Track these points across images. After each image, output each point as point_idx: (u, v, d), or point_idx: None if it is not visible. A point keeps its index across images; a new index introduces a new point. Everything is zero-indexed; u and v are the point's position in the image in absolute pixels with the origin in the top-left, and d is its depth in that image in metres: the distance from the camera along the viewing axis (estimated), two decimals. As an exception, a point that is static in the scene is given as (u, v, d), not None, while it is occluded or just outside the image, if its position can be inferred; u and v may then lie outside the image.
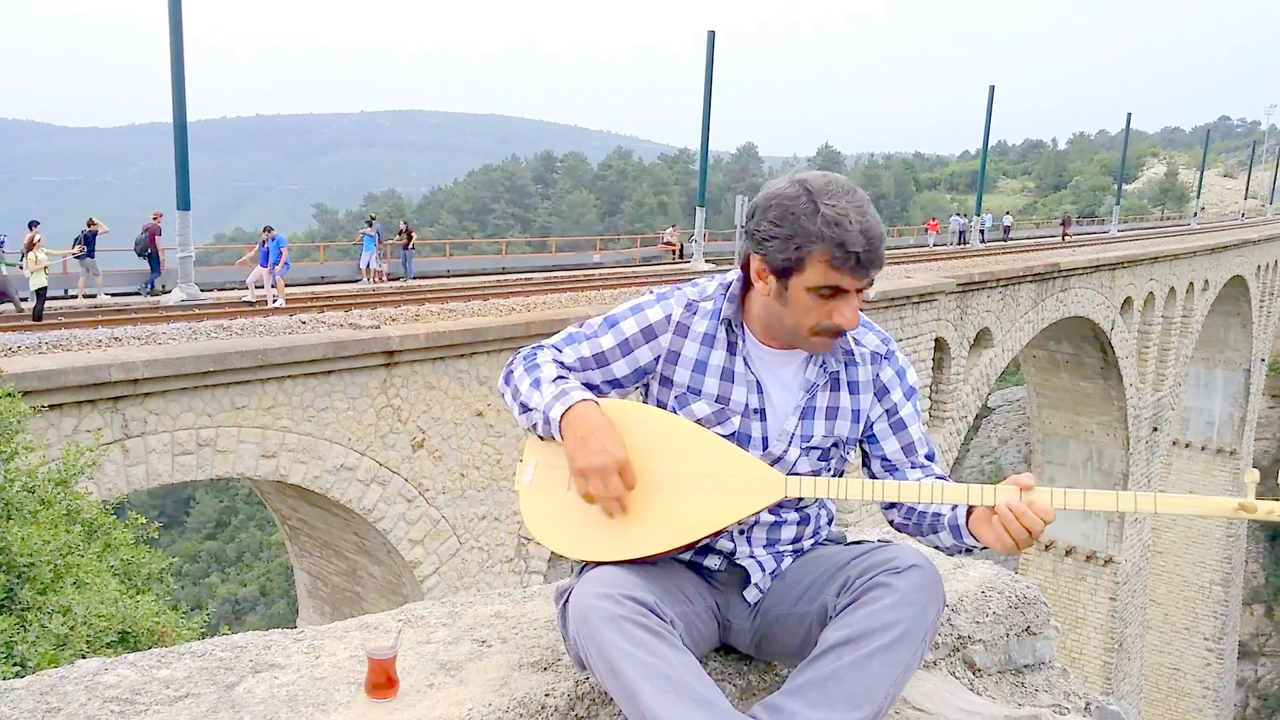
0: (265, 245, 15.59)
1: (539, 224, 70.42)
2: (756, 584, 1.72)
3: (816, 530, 1.79)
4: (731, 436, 1.67)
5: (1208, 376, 36.92)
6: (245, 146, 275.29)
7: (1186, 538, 36.07)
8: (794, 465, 1.68)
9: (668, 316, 1.71)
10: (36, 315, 12.37)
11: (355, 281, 20.59)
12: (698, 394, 1.68)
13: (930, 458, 1.76)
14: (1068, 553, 27.58)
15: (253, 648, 1.73)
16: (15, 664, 2.52)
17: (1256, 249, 36.40)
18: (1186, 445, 37.12)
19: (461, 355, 11.10)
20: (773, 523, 1.72)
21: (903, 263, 23.43)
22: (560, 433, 1.62)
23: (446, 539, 11.07)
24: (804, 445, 1.68)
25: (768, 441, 1.67)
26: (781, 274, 1.57)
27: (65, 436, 7.99)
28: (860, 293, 1.58)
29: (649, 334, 1.71)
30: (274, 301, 14.66)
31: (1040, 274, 21.34)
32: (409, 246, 21.57)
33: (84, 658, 1.96)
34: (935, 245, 36.76)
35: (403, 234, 21.73)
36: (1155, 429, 28.07)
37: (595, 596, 1.49)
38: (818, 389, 1.69)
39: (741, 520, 1.63)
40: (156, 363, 8.60)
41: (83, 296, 15.98)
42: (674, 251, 29.49)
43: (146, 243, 17.38)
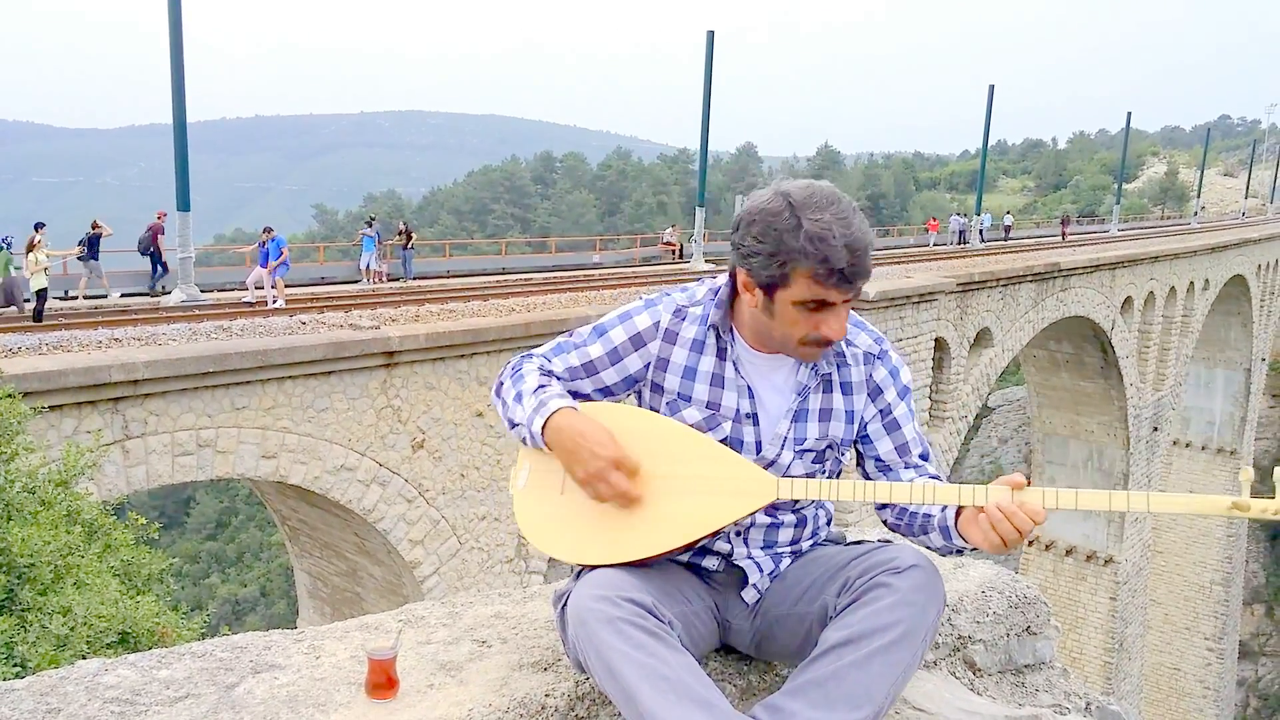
0: (265, 246, 15.60)
1: (539, 224, 70.44)
2: (755, 585, 1.72)
3: (815, 531, 1.79)
4: (724, 442, 1.66)
5: (1208, 376, 36.92)
6: (245, 147, 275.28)
7: (1187, 537, 36.06)
8: (788, 468, 1.68)
9: (656, 323, 1.70)
10: (37, 316, 12.38)
11: (355, 282, 20.58)
12: (688, 400, 1.68)
13: (925, 457, 1.75)
14: (1068, 553, 27.58)
15: (253, 648, 1.74)
16: (15, 664, 2.52)
17: (1257, 248, 36.40)
18: (1187, 445, 37.13)
19: (461, 356, 11.10)
20: (769, 524, 1.72)
21: (903, 262, 23.43)
22: (546, 445, 1.62)
23: (446, 539, 11.07)
24: (797, 448, 1.67)
25: (761, 446, 1.67)
26: (767, 288, 1.57)
27: (65, 437, 8.00)
28: (848, 303, 1.57)
29: (638, 341, 1.71)
30: (274, 302, 14.66)
31: (1040, 274, 21.33)
32: (409, 247, 21.56)
33: (84, 658, 1.96)
34: (935, 245, 36.81)
35: (402, 234, 21.72)
36: (1156, 429, 28.06)
37: (593, 599, 1.49)
38: (809, 391, 1.68)
39: (734, 523, 1.62)
40: (157, 363, 8.60)
41: (83, 298, 15.97)
42: (674, 252, 29.49)
43: (149, 241, 17.39)
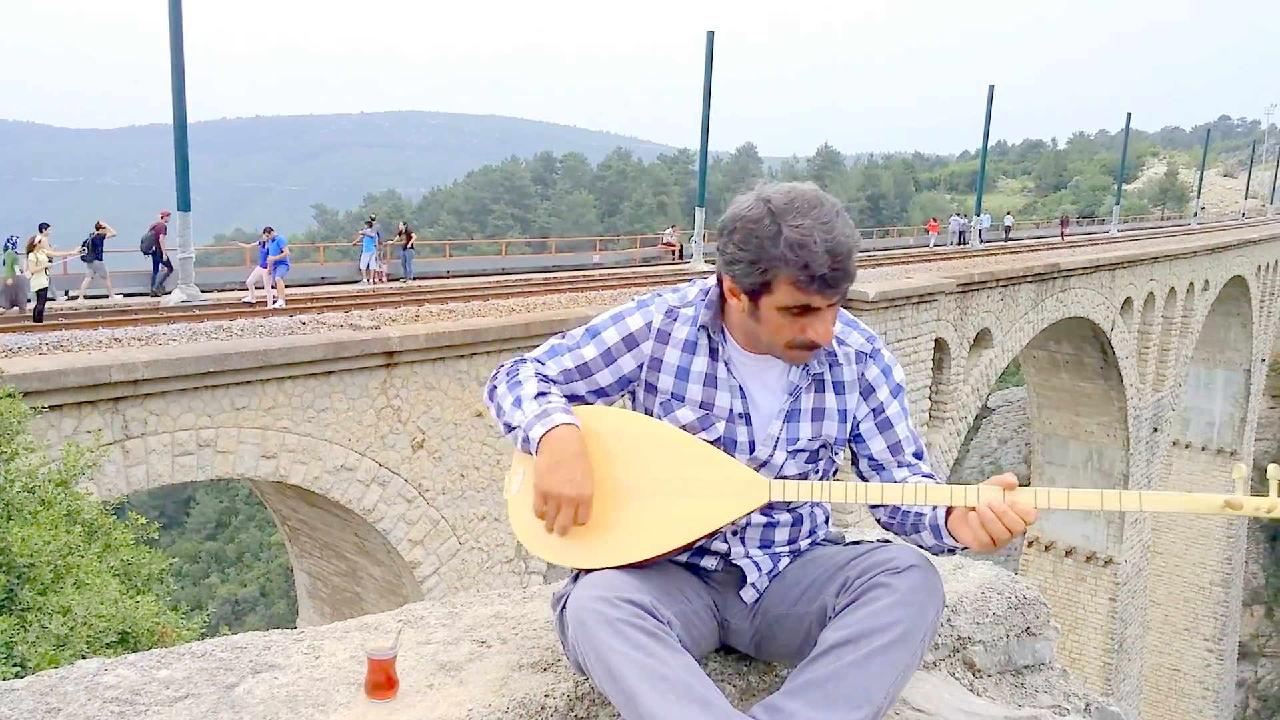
0: (265, 246, 15.60)
1: (538, 224, 70.44)
2: (753, 584, 1.72)
3: (813, 530, 1.79)
4: (717, 442, 1.67)
5: (1208, 377, 36.91)
6: (245, 147, 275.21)
7: (1187, 538, 36.05)
8: (781, 468, 1.68)
9: (648, 324, 1.71)
10: (37, 316, 12.39)
11: (355, 282, 20.57)
12: (682, 400, 1.68)
13: (918, 456, 1.75)
14: (1068, 553, 27.58)
15: (253, 648, 1.74)
16: (15, 664, 2.52)
17: (1257, 249, 36.40)
18: (1187, 446, 37.12)
19: (461, 356, 11.10)
20: (765, 524, 1.72)
21: (903, 263, 23.43)
22: (538, 452, 1.63)
23: (446, 539, 11.07)
24: (790, 448, 1.68)
25: (754, 446, 1.67)
26: (751, 295, 1.57)
27: (65, 437, 7.99)
28: (834, 306, 1.57)
29: (630, 342, 1.71)
30: (274, 302, 14.66)
31: (1040, 274, 21.33)
32: (409, 247, 21.55)
33: (84, 658, 1.96)
34: (936, 245, 36.82)
35: (402, 235, 21.71)
36: (1155, 429, 28.06)
37: (591, 600, 1.49)
38: (801, 391, 1.68)
39: (726, 526, 1.63)
40: (157, 363, 8.60)
41: (84, 298, 15.98)
42: (674, 252, 29.49)
43: (152, 241, 17.40)
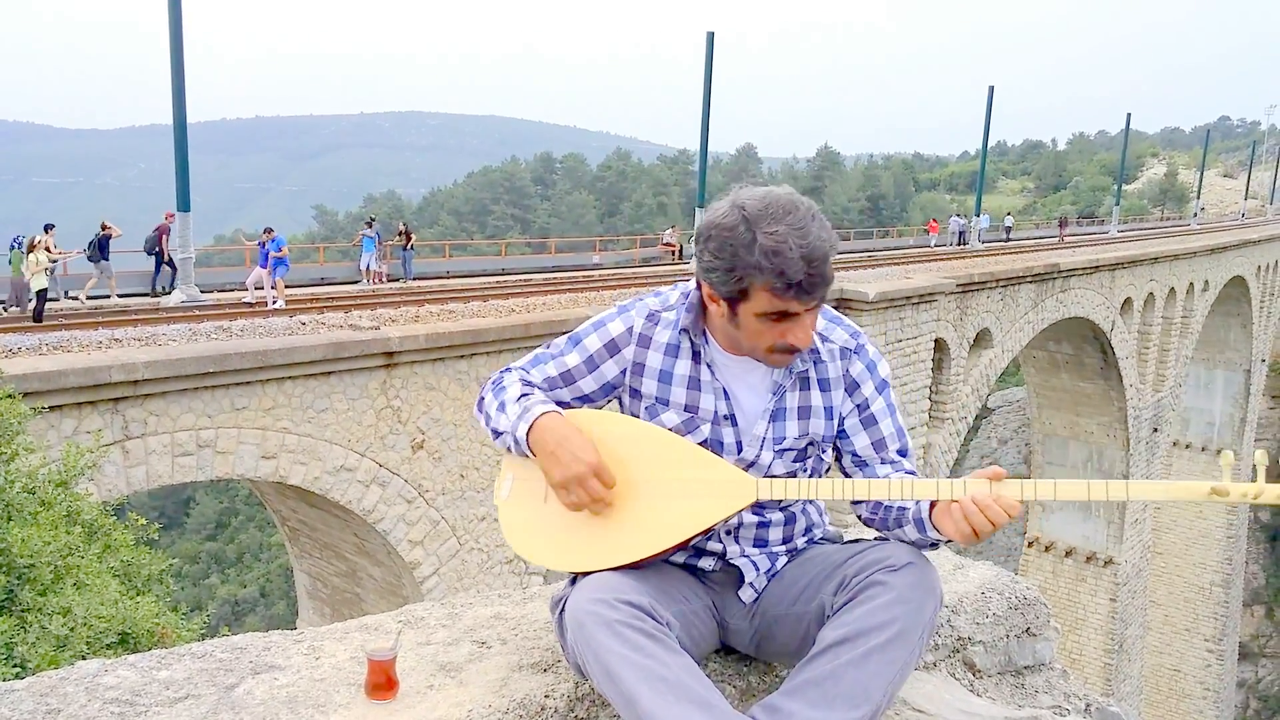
0: (265, 246, 15.61)
1: (538, 225, 70.42)
2: (751, 583, 1.72)
3: (809, 529, 1.79)
4: (704, 444, 1.67)
5: (1208, 377, 36.92)
6: (245, 148, 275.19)
7: (1187, 538, 36.05)
8: (769, 468, 1.68)
9: (629, 329, 1.71)
10: (36, 317, 12.39)
11: (355, 283, 20.58)
12: (666, 404, 1.69)
13: (903, 453, 1.74)
14: (1068, 554, 27.58)
15: (253, 649, 1.74)
16: (15, 665, 2.52)
17: (1257, 249, 36.40)
18: (1187, 446, 37.10)
19: (461, 356, 11.10)
20: (758, 523, 1.72)
21: (903, 263, 23.44)
22: (530, 450, 1.63)
23: (446, 540, 11.07)
24: (777, 448, 1.67)
25: (741, 446, 1.67)
26: (729, 301, 1.57)
27: (65, 438, 7.99)
28: (813, 310, 1.57)
29: (612, 348, 1.71)
30: (274, 303, 14.66)
31: (1040, 274, 21.34)
32: (408, 248, 21.56)
33: (84, 659, 1.96)
34: (936, 246, 36.84)
35: (402, 235, 21.71)
36: (1155, 430, 28.06)
37: (590, 602, 1.49)
38: (785, 390, 1.68)
39: (716, 525, 1.62)
40: (157, 364, 8.61)
41: (85, 298, 16.00)
42: (673, 252, 29.49)
43: (155, 241, 17.42)
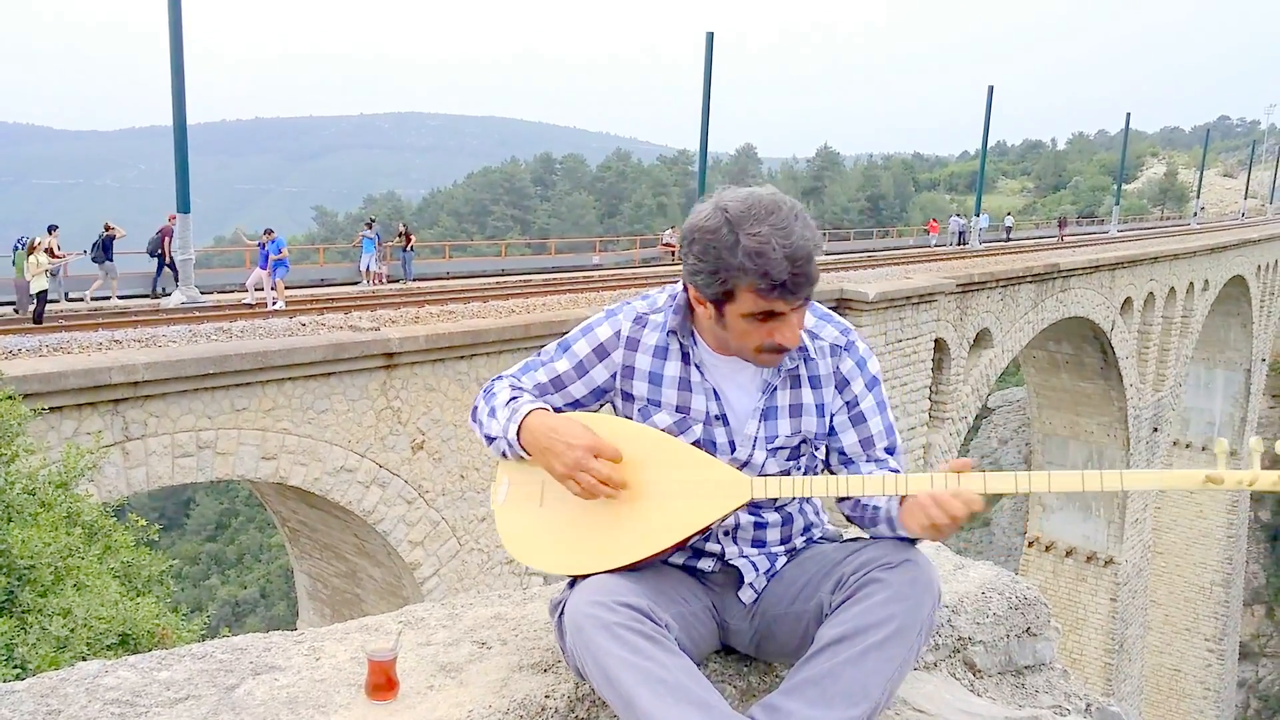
0: (265, 248, 15.61)
1: (538, 225, 70.38)
2: (750, 584, 1.72)
3: (807, 528, 1.79)
4: (696, 444, 1.67)
5: (1208, 377, 36.92)
6: (245, 149, 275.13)
7: (1187, 538, 36.06)
8: (762, 467, 1.68)
9: (617, 333, 1.72)
10: (36, 318, 12.39)
11: (355, 284, 20.58)
12: (658, 405, 1.69)
13: (891, 451, 1.73)
14: (1068, 554, 27.58)
15: (253, 650, 1.74)
16: (16, 666, 2.51)
17: (1256, 249, 36.41)
18: (1187, 446, 37.10)
19: (461, 357, 11.10)
20: (755, 523, 1.72)
21: (903, 263, 23.44)
22: (525, 450, 1.63)
23: (446, 541, 11.07)
24: (770, 447, 1.68)
25: (734, 446, 1.68)
26: (715, 303, 1.58)
27: (65, 439, 7.99)
28: (799, 309, 1.57)
29: (601, 353, 1.72)
30: (274, 304, 14.66)
31: (1040, 274, 21.34)
32: (408, 248, 21.56)
33: (84, 660, 1.96)
34: (936, 246, 36.86)
35: (402, 236, 21.71)
36: (1155, 429, 28.06)
37: (589, 605, 1.49)
38: (776, 389, 1.68)
39: (713, 524, 1.62)
40: (157, 365, 8.60)
41: (90, 299, 16.04)
42: (673, 253, 29.46)
43: (158, 243, 17.44)
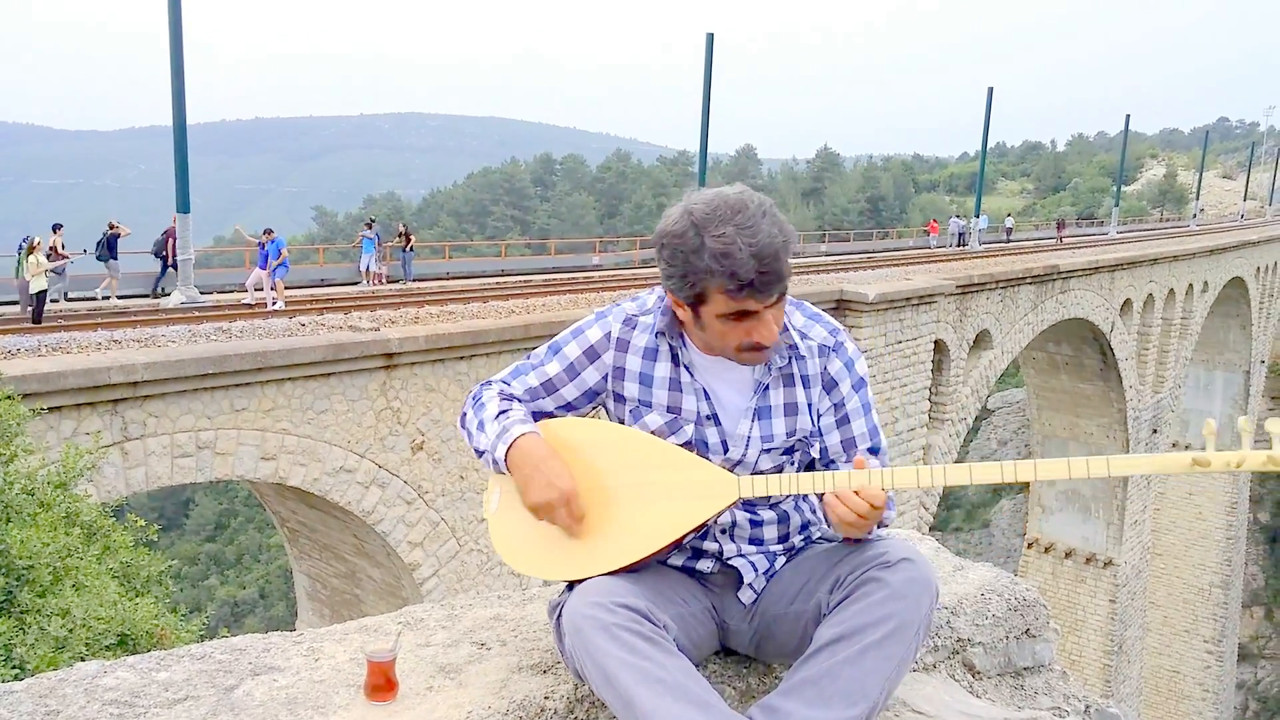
0: (264, 247, 15.61)
1: (538, 226, 70.38)
2: (750, 584, 1.72)
3: (805, 526, 1.79)
4: (688, 445, 1.67)
5: (1207, 378, 36.94)
6: (244, 149, 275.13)
7: (1186, 540, 36.06)
8: (755, 466, 1.68)
9: (607, 334, 1.72)
10: (35, 318, 12.39)
11: (355, 284, 20.59)
12: (649, 406, 1.69)
13: (875, 452, 1.73)
14: (1067, 555, 27.57)
15: (252, 650, 1.74)
16: (14, 666, 2.51)
17: (1256, 250, 36.42)
18: (1187, 447, 37.06)
19: (461, 358, 11.09)
20: (750, 520, 1.72)
21: (902, 264, 23.45)
22: (510, 472, 1.63)
23: (446, 541, 11.06)
24: (764, 446, 1.67)
25: (727, 446, 1.68)
26: (690, 306, 1.58)
27: (64, 439, 7.99)
28: (774, 307, 1.56)
29: (592, 355, 1.72)
30: (273, 304, 14.66)
31: (1039, 276, 21.35)
32: (408, 249, 21.56)
33: (83, 660, 1.96)
34: (935, 247, 36.86)
35: (402, 236, 21.71)
36: (1155, 431, 28.06)
37: (587, 606, 1.49)
38: (768, 388, 1.68)
39: (703, 524, 1.62)
40: (156, 365, 8.60)
41: (102, 297, 16.08)
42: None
43: (162, 244, 17.45)
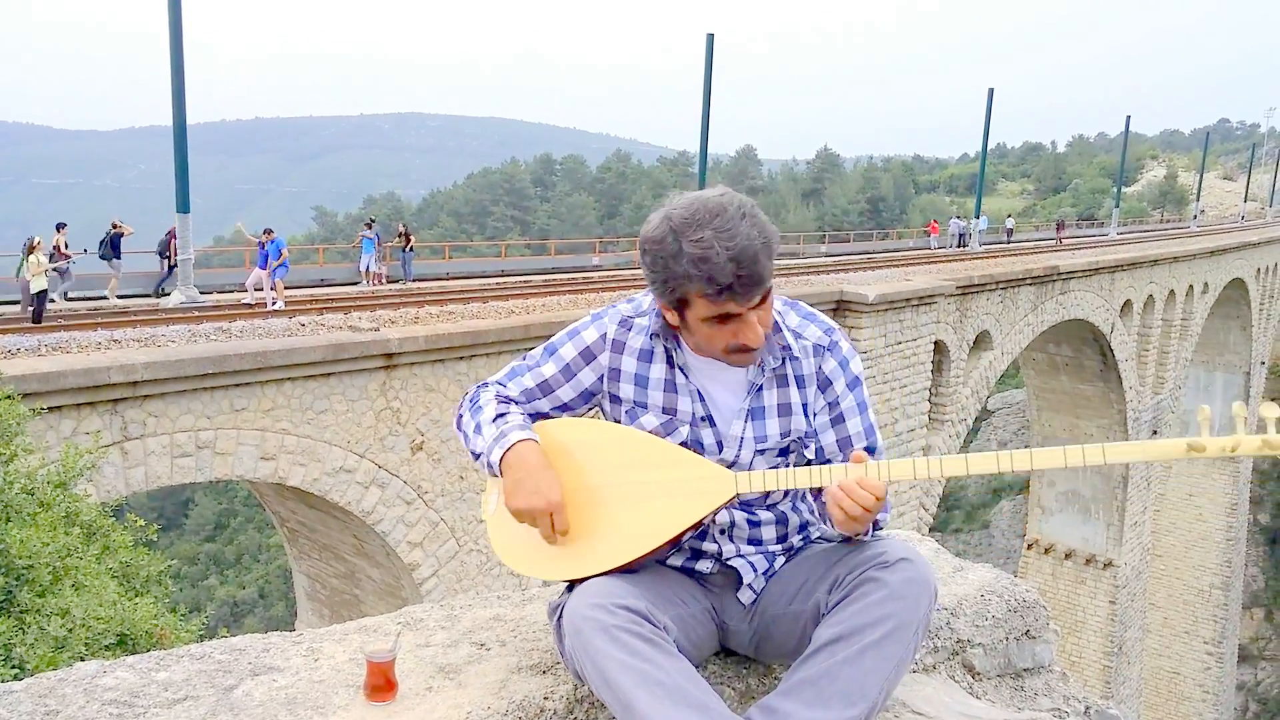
0: (264, 247, 15.61)
1: (538, 226, 70.38)
2: (749, 584, 1.72)
3: (804, 527, 1.78)
4: (684, 445, 1.67)
5: (1207, 379, 36.93)
6: (244, 149, 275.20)
7: (1186, 541, 36.06)
8: (750, 467, 1.68)
9: (603, 335, 1.72)
10: (35, 318, 12.39)
11: (354, 284, 20.58)
12: (645, 407, 1.70)
13: (870, 451, 1.72)
14: (1067, 556, 27.57)
15: (251, 650, 1.74)
16: (14, 666, 2.51)
17: (1256, 251, 36.43)
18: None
19: (461, 358, 11.10)
20: (748, 520, 1.72)
21: (902, 265, 23.45)
22: (502, 475, 1.64)
23: (445, 541, 11.06)
24: (758, 447, 1.67)
25: (721, 446, 1.68)
26: (675, 310, 1.59)
27: (64, 439, 7.98)
28: (759, 308, 1.56)
29: (588, 356, 1.73)
30: (273, 304, 14.66)
31: (1040, 277, 21.35)
32: (408, 249, 21.56)
33: (83, 660, 1.96)
34: (936, 247, 36.85)
35: (402, 236, 21.70)
36: (1155, 432, 28.05)
37: (587, 607, 1.49)
38: (762, 388, 1.68)
39: (701, 521, 1.62)
40: (156, 365, 8.60)
41: (114, 296, 16.08)
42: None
43: (166, 244, 17.46)
